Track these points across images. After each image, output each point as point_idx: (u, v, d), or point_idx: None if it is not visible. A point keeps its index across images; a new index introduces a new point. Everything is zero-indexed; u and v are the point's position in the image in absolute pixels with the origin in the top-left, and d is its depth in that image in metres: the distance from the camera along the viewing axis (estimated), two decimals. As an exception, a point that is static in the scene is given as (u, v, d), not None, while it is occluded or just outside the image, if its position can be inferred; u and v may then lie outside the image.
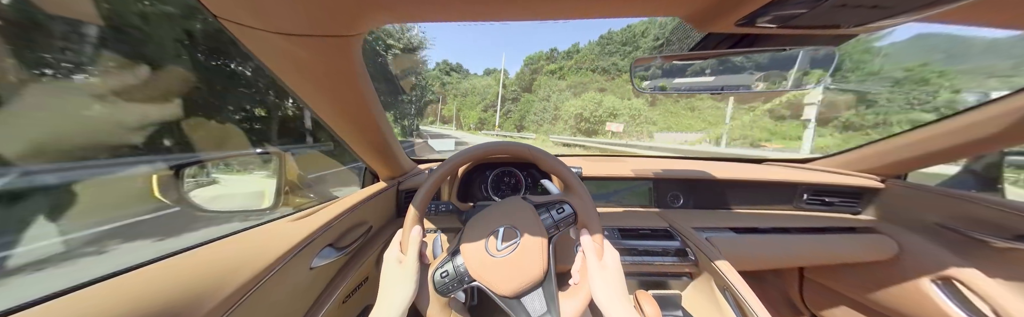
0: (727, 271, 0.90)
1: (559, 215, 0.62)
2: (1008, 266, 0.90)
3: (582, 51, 51.58)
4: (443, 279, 0.58)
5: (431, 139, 24.23)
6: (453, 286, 0.57)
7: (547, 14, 0.45)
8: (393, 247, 0.62)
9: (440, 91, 76.22)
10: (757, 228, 1.13)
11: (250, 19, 0.38)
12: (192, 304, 0.47)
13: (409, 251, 0.60)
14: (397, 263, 0.59)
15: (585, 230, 0.61)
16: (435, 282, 0.58)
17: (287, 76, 0.53)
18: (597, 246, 0.60)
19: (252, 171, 0.96)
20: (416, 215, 0.62)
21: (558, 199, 0.64)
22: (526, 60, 47.17)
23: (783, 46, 0.60)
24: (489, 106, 52.26)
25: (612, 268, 0.58)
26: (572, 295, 0.57)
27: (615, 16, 0.46)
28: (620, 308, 0.53)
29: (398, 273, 0.57)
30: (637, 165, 1.42)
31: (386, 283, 0.57)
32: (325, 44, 0.45)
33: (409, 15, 0.44)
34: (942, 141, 1.00)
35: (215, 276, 0.52)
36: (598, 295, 0.55)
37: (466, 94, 69.34)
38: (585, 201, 0.62)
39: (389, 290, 0.56)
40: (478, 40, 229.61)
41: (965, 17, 0.50)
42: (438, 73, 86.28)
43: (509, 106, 43.64)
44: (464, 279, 0.57)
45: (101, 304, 0.40)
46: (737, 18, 0.44)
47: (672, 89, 0.73)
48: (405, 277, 0.56)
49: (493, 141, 0.68)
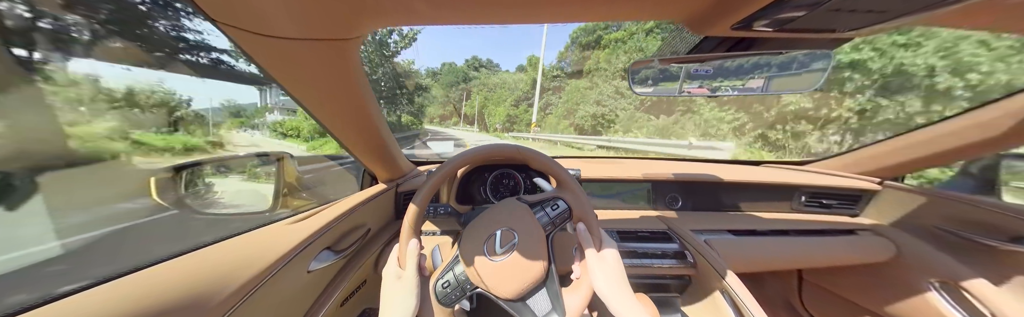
0: (725, 273, 0.90)
1: (554, 212, 0.62)
2: (1005, 268, 0.90)
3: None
4: (445, 289, 0.57)
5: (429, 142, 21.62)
6: (456, 295, 0.57)
7: (543, 17, 0.46)
8: (391, 262, 0.61)
9: (465, 87, 69.21)
10: (755, 230, 1.13)
11: (248, 23, 0.38)
12: (190, 307, 0.47)
13: (408, 265, 0.59)
14: (396, 279, 0.58)
15: (581, 224, 0.61)
16: (437, 293, 0.58)
17: (285, 79, 0.54)
18: (595, 238, 0.60)
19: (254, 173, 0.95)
20: (412, 228, 0.62)
21: (552, 196, 0.64)
22: (573, 34, 29.11)
23: (779, 49, 0.60)
24: (521, 99, 41.24)
25: (611, 259, 0.58)
26: (574, 290, 0.57)
27: (612, 19, 0.47)
28: (622, 299, 0.53)
29: (398, 288, 0.57)
30: (635, 167, 1.42)
31: (387, 299, 0.57)
32: (323, 48, 0.45)
33: (406, 19, 0.44)
34: (940, 144, 1.01)
35: (213, 279, 0.52)
36: (599, 287, 0.55)
37: (494, 89, 57.38)
38: (578, 196, 0.62)
39: (390, 306, 0.55)
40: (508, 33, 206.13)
41: (958, 21, 0.50)
42: (466, 68, 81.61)
43: (549, 98, 29.11)
44: (466, 287, 0.57)
45: (99, 308, 0.40)
46: (733, 22, 0.45)
47: (669, 92, 0.74)
48: (406, 292, 0.56)
49: (489, 143, 0.68)
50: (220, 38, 2.57)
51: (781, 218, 1.22)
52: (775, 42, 0.60)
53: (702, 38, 0.62)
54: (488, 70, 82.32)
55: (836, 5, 0.39)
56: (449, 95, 72.97)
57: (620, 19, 0.47)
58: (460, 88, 72.02)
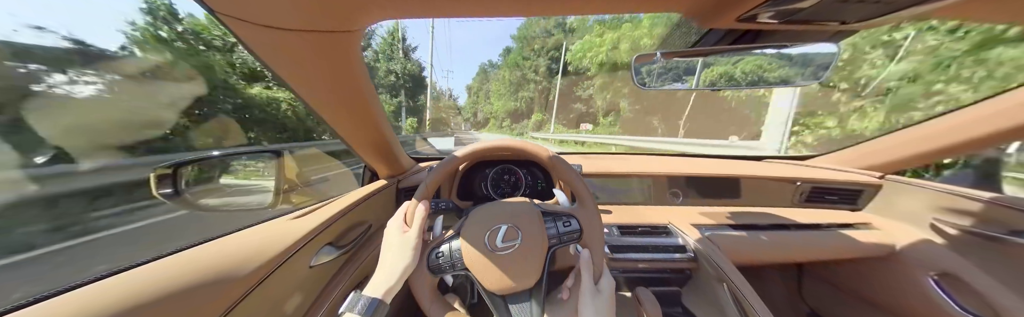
0: (726, 267, 0.90)
1: (565, 228, 0.61)
2: (1005, 262, 0.90)
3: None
4: (437, 259, 0.58)
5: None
6: (446, 268, 0.58)
7: (547, 9, 0.45)
8: (397, 217, 0.61)
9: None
10: (756, 225, 1.13)
11: (248, 14, 0.38)
12: (193, 302, 0.47)
13: (414, 224, 0.59)
14: (401, 232, 0.58)
15: (587, 250, 0.60)
16: (429, 260, 0.58)
17: (285, 72, 0.53)
18: (596, 269, 0.58)
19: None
20: (425, 194, 0.62)
21: (567, 212, 0.63)
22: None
23: (784, 42, 0.59)
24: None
25: (606, 294, 0.56)
26: (558, 311, 0.57)
27: (616, 12, 0.46)
28: None
29: (402, 242, 0.57)
30: (636, 162, 1.42)
31: (389, 248, 0.57)
32: (324, 40, 0.45)
33: (407, 11, 0.43)
34: (941, 138, 1.01)
35: (217, 273, 0.51)
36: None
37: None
38: (593, 220, 0.61)
39: (391, 256, 0.56)
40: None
41: (966, 13, 0.50)
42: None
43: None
44: (457, 265, 0.57)
45: (101, 303, 0.40)
46: (739, 14, 0.44)
47: (673, 86, 0.73)
48: (408, 247, 0.56)
49: (503, 137, 0.67)
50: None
51: (782, 212, 1.22)
52: (780, 35, 0.59)
53: (706, 31, 0.62)
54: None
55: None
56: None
57: (624, 11, 0.46)
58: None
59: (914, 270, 1.03)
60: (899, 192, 1.17)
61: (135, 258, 0.50)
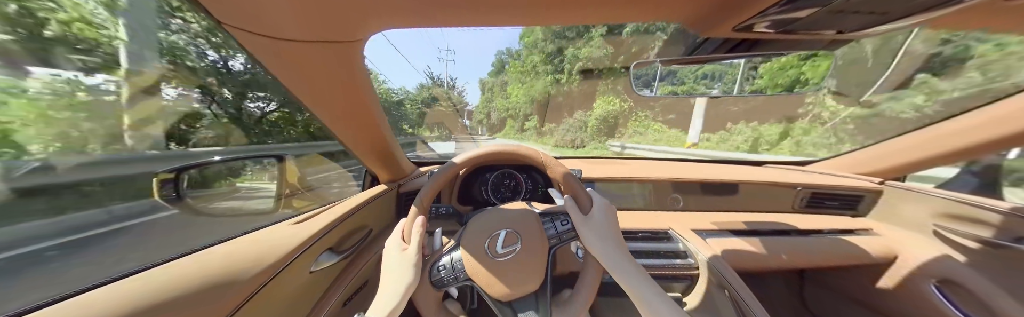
0: (727, 273, 0.90)
1: (563, 226, 0.61)
2: (1007, 268, 0.90)
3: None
4: (439, 273, 0.58)
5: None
6: (448, 281, 0.57)
7: (547, 19, 0.46)
8: (395, 235, 0.61)
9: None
10: (757, 230, 1.13)
11: (253, 25, 0.39)
12: (193, 307, 0.47)
13: (412, 240, 0.59)
14: (400, 250, 0.58)
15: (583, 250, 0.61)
16: (431, 274, 0.58)
17: (290, 81, 0.54)
18: (580, 197, 0.60)
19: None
20: (421, 207, 0.62)
21: (563, 210, 0.64)
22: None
23: (780, 51, 0.60)
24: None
25: (598, 217, 0.59)
26: (565, 306, 0.57)
27: (614, 21, 0.47)
28: (616, 256, 0.54)
29: (401, 260, 0.57)
30: (637, 167, 1.42)
31: (389, 269, 0.57)
32: (327, 50, 0.46)
33: (410, 21, 0.44)
34: (941, 143, 1.01)
35: (217, 280, 0.52)
36: (590, 246, 0.56)
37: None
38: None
39: (392, 276, 0.56)
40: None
41: (961, 23, 0.50)
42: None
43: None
44: (460, 276, 0.57)
45: (100, 309, 0.41)
46: (735, 23, 0.45)
47: (670, 93, 0.74)
48: (408, 264, 0.56)
49: (503, 143, 0.68)
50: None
51: (783, 218, 1.22)
52: (777, 43, 0.60)
53: (703, 39, 0.62)
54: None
55: (839, 7, 0.39)
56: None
57: (623, 20, 0.47)
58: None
59: (916, 276, 1.02)
60: (900, 198, 1.17)
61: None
